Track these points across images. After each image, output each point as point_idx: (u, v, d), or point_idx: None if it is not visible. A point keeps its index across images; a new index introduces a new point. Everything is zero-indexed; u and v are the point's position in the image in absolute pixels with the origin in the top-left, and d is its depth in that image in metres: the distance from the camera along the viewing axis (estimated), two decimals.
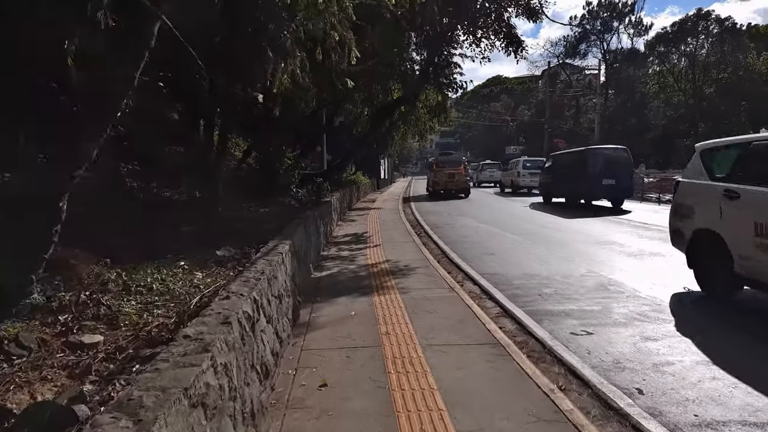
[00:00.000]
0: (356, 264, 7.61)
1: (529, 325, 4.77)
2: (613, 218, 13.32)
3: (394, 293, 5.78)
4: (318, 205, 9.83)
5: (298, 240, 5.62)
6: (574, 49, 52.53)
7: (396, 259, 8.06)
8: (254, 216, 7.48)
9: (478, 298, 5.88)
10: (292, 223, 6.50)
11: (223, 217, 6.99)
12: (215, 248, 4.91)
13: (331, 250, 9.03)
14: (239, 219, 7.05)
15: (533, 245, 9.34)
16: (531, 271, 7.19)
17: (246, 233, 5.95)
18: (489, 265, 7.69)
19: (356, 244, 9.73)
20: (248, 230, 6.19)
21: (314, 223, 7.79)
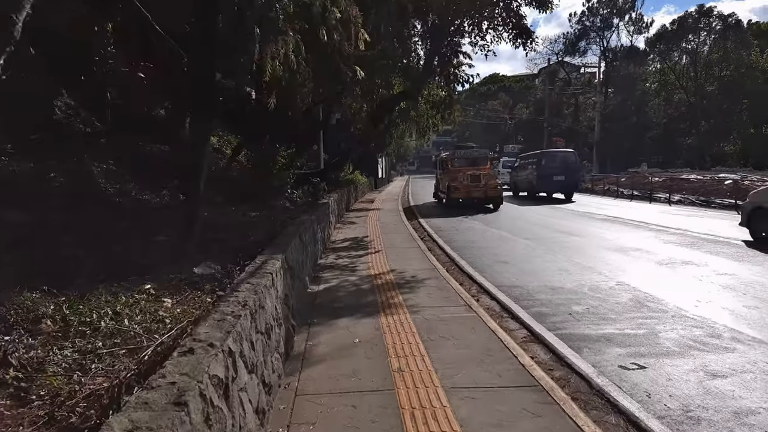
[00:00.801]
0: (357, 275, 6.83)
1: (567, 355, 4.01)
2: (626, 220, 12.61)
3: (403, 312, 5.01)
4: (315, 207, 9.05)
5: (293, 253, 4.84)
6: (573, 46, 51.88)
7: (401, 268, 7.29)
8: (244, 222, 6.69)
9: (499, 317, 5.12)
10: (286, 231, 5.73)
11: (208, 224, 6.20)
12: (193, 264, 4.13)
13: (329, 257, 8.25)
14: (226, 226, 6.26)
15: (549, 252, 8.60)
16: (554, 283, 6.43)
17: (232, 244, 5.17)
18: (504, 276, 6.93)
19: (356, 250, 8.96)
20: (235, 240, 5.41)
21: (311, 229, 7.01)
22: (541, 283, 6.44)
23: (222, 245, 5.11)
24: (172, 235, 5.23)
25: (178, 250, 4.72)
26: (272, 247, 4.56)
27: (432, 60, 10.17)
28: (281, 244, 4.75)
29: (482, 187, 15.30)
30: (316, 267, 7.26)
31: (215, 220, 6.67)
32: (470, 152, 17.73)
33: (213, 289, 3.52)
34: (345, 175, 20.86)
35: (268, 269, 3.53)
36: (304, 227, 6.32)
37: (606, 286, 6.17)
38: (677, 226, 11.30)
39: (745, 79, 39.36)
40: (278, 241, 5.02)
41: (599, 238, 9.91)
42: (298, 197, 10.44)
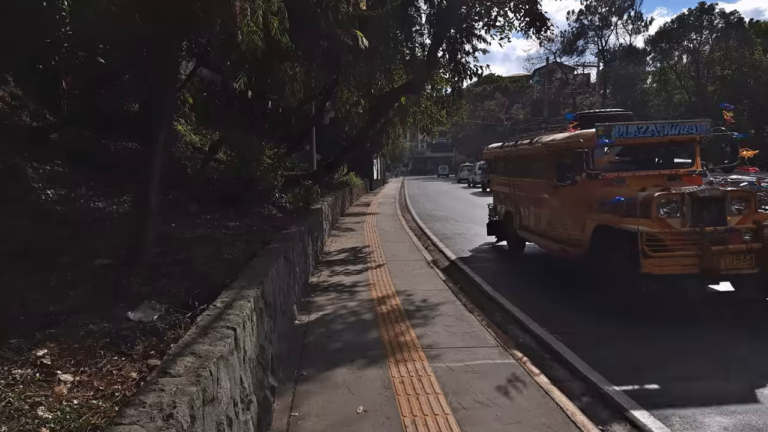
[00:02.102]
0: (356, 298, 5.65)
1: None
2: None
3: (419, 358, 3.84)
4: (306, 215, 7.86)
5: (275, 280, 3.66)
6: (571, 45, 51.04)
7: (408, 288, 6.12)
8: (217, 236, 5.49)
9: (549, 367, 3.94)
10: (268, 248, 4.54)
11: (173, 239, 5.01)
12: (129, 305, 2.94)
13: (323, 273, 7.05)
14: (195, 241, 5.07)
15: None
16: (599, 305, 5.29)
17: (197, 268, 3.98)
18: (533, 296, 5.78)
19: (354, 263, 7.77)
20: (202, 261, 4.22)
21: (300, 244, 5.83)
22: (582, 304, 5.30)
23: (182, 270, 3.92)
24: (117, 257, 4.04)
25: (118, 280, 3.53)
26: (246, 275, 3.39)
27: (437, 48, 9.03)
28: (259, 269, 3.57)
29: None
30: (306, 287, 6.07)
31: (183, 233, 5.49)
32: (656, 127, 5.86)
33: (146, 354, 2.34)
34: (339, 177, 19.69)
35: (230, 321, 2.35)
36: (292, 242, 5.14)
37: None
38: None
39: (747, 78, 38.64)
40: (257, 263, 3.84)
41: None
42: (287, 202, 9.24)
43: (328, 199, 11.56)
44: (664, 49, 40.87)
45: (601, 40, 48.86)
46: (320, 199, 11.10)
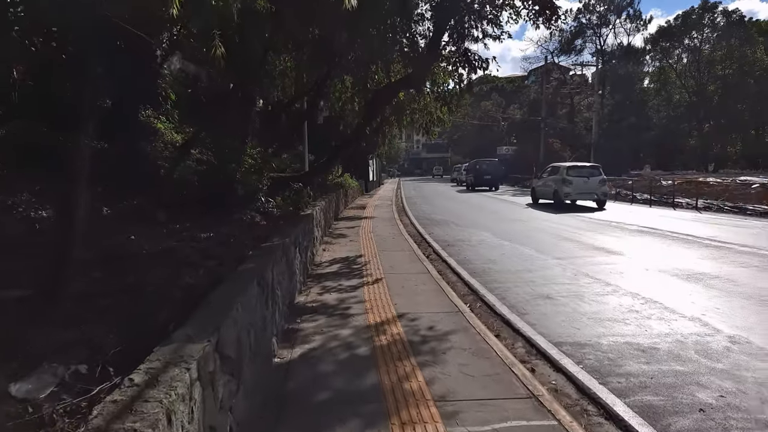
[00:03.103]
0: (351, 325, 4.74)
1: None
2: (666, 232, 10.66)
3: (432, 419, 2.94)
4: (295, 221, 6.95)
5: (241, 321, 2.75)
6: (569, 44, 50.34)
7: (411, 310, 5.22)
8: (183, 251, 4.58)
9: (590, 419, 3.07)
10: (241, 270, 3.64)
11: (122, 257, 4.10)
12: (24, 366, 2.03)
13: (312, 291, 6.14)
14: (151, 260, 4.16)
15: (599, 282, 6.60)
16: (637, 337, 4.41)
17: (140, 301, 3.07)
18: (555, 320, 4.90)
19: (348, 277, 6.87)
20: (149, 292, 3.31)
21: (284, 258, 4.92)
22: (617, 335, 4.42)
23: (122, 304, 3.01)
24: (39, 285, 3.12)
25: (25, 322, 2.62)
26: (202, 315, 2.49)
27: (440, 36, 8.13)
28: (220, 306, 2.67)
29: None
30: (292, 310, 5.16)
31: (141, 248, 4.58)
32: None
33: None
34: (333, 179, 18.78)
35: (147, 413, 1.45)
36: (273, 259, 4.23)
37: (630, 305, 4.16)
38: (743, 242, 9.38)
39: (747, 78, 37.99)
40: (219, 295, 2.94)
41: (654, 259, 7.96)
42: (274, 207, 8.33)
43: (321, 203, 10.65)
44: (664, 48, 40.19)
45: (600, 39, 48.20)
46: (312, 203, 10.19)
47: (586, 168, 18.77)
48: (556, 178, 18.42)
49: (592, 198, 17.85)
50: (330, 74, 9.29)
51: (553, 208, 17.64)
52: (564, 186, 17.79)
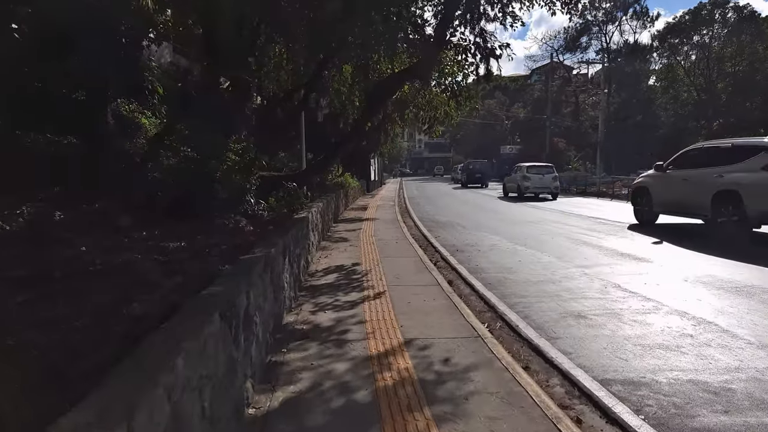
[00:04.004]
0: (348, 356, 3.88)
1: None
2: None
3: None
4: (286, 226, 6.09)
5: (180, 380, 1.89)
6: (575, 42, 49.50)
7: (421, 334, 4.37)
8: (143, 266, 3.73)
9: None
10: (202, 298, 2.78)
11: (65, 274, 3.26)
12: None
13: (304, 309, 5.28)
14: (97, 278, 3.32)
15: (641, 298, 5.74)
16: (705, 378, 3.55)
17: (49, 347, 2.23)
18: (593, 347, 4.04)
19: (346, 291, 6.01)
20: (76, 328, 2.47)
21: (269, 273, 4.06)
22: (675, 369, 3.55)
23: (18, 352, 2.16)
24: None
25: None
26: (121, 378, 1.64)
27: (451, 15, 7.22)
28: (155, 357, 1.82)
29: None
30: (277, 334, 4.31)
31: (90, 262, 3.74)
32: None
33: None
34: (333, 178, 17.95)
35: None
36: (250, 277, 3.38)
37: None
38: None
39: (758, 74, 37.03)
40: (163, 336, 2.09)
41: (689, 268, 7.09)
42: (265, 210, 7.49)
43: (319, 204, 9.80)
44: (673, 45, 39.24)
45: (605, 37, 47.30)
46: (308, 205, 9.34)
47: (542, 167, 22.89)
48: (519, 175, 22.50)
49: (547, 191, 21.94)
50: (327, 63, 8.44)
51: (520, 199, 21.55)
52: (524, 181, 21.96)
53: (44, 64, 6.16)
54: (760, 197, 8.55)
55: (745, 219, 8.81)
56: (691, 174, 10.23)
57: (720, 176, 9.32)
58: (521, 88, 67.11)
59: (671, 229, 11.15)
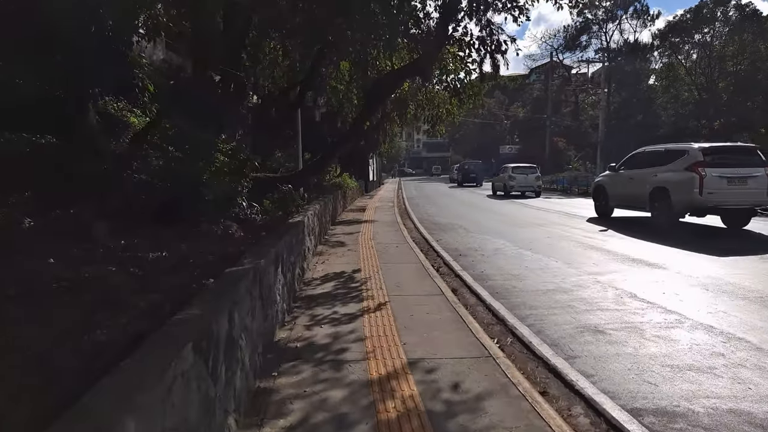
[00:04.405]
0: (345, 381, 3.47)
1: None
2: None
3: None
4: (280, 232, 5.69)
5: None
6: (574, 40, 49.15)
7: (427, 353, 3.97)
8: (114, 280, 3.33)
9: None
10: (174, 324, 2.38)
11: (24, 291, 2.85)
12: None
13: (298, 322, 4.87)
14: (60, 296, 2.91)
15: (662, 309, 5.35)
16: (747, 407, 3.16)
17: None
18: (623, 372, 3.64)
19: (344, 301, 5.60)
20: (21, 363, 2.06)
21: (256, 287, 3.66)
22: (712, 396, 3.16)
23: None
24: None
25: None
26: None
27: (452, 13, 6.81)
28: (103, 418, 1.42)
29: None
30: (268, 354, 3.90)
31: (56, 277, 3.34)
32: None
33: None
34: (331, 179, 17.55)
35: None
36: (235, 296, 2.97)
37: None
38: None
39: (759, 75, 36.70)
40: (116, 384, 1.68)
41: (707, 274, 6.71)
42: (258, 213, 7.09)
43: (316, 207, 9.39)
44: (674, 44, 38.90)
45: (605, 35, 46.95)
46: (305, 207, 8.95)
47: (526, 168, 24.52)
48: (506, 175, 24.18)
49: (530, 189, 23.68)
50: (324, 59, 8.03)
51: (508, 197, 23.11)
52: (510, 181, 23.59)
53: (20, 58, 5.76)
54: (682, 192, 10.29)
55: (672, 210, 10.64)
56: (636, 173, 12.04)
57: (655, 175, 11.13)
58: (520, 87, 66.70)
59: (621, 219, 12.97)
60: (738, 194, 10.13)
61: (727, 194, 10.05)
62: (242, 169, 6.29)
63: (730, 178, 10.02)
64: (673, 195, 10.51)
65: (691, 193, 10.13)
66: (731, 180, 10.02)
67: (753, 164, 10.28)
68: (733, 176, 10.04)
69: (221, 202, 5.66)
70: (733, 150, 11.08)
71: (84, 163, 5.43)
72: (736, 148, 11.35)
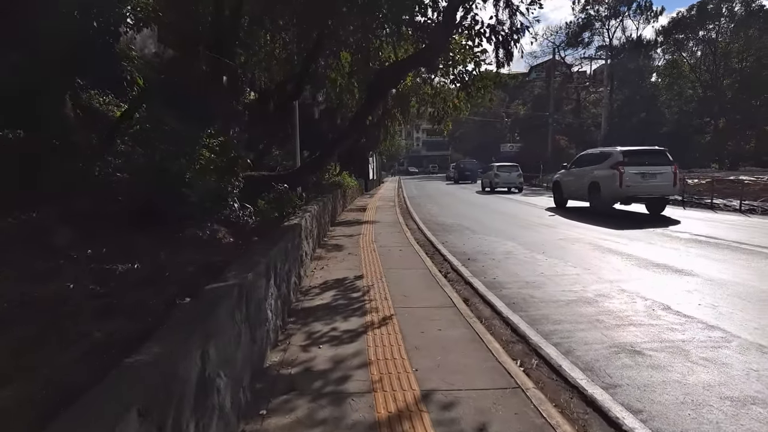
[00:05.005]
0: (347, 421, 2.89)
1: None
2: None
3: None
4: (274, 238, 5.10)
5: None
6: (576, 37, 48.54)
7: (443, 383, 3.38)
8: (71, 300, 2.74)
9: None
10: (130, 367, 1.78)
11: None
12: None
13: (293, 341, 4.29)
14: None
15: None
16: None
17: None
18: (675, 408, 3.06)
19: (345, 315, 5.02)
20: None
21: (242, 310, 3.07)
22: None
23: None
24: None
25: None
26: None
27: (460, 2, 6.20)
28: None
29: None
30: (257, 383, 3.32)
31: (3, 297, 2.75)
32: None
33: None
34: (330, 177, 16.97)
35: None
36: (212, 327, 2.39)
37: None
38: None
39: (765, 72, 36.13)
40: None
41: (745, 282, 6.13)
42: (251, 215, 6.50)
43: (314, 207, 8.80)
44: (678, 40, 38.31)
45: (608, 32, 46.33)
46: (303, 208, 8.36)
47: (509, 166, 27.08)
48: (492, 172, 27.00)
49: (513, 185, 25.97)
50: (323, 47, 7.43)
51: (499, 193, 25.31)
52: (495, 178, 26.32)
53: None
54: (609, 186, 13.05)
55: (603, 200, 13.52)
56: (580, 171, 14.97)
57: (592, 173, 13.94)
58: (521, 85, 66.10)
59: (572, 208, 15.70)
60: (650, 187, 12.79)
61: (641, 187, 12.74)
62: (233, 167, 5.69)
63: (644, 174, 12.67)
64: (603, 188, 13.28)
65: (614, 186, 12.82)
66: (645, 175, 12.67)
67: (662, 163, 12.89)
68: (646, 173, 12.69)
69: (208, 204, 5.06)
70: (647, 152, 13.52)
71: (51, 161, 4.84)
72: (649, 151, 13.70)
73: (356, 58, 7.83)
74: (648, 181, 12.73)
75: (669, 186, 12.93)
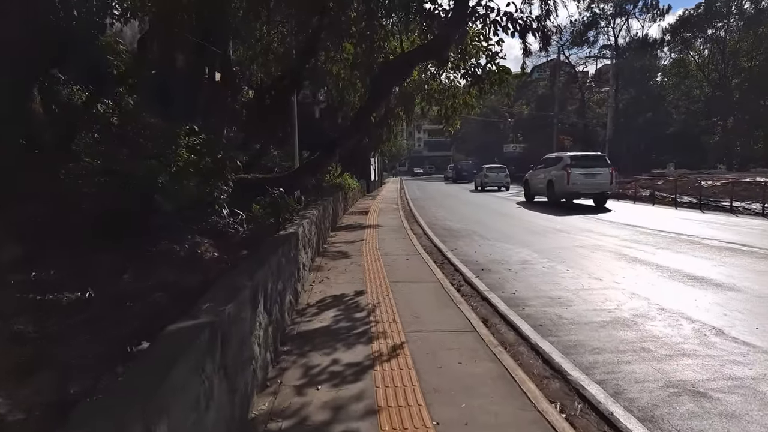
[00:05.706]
0: None
1: None
2: None
3: None
4: (267, 250, 4.39)
5: None
6: (581, 36, 47.74)
7: None
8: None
9: None
10: None
11: None
12: None
13: (285, 384, 3.58)
14: None
15: None
16: None
17: None
18: None
19: (347, 343, 4.30)
20: None
21: (219, 355, 2.37)
22: None
23: None
24: None
25: None
26: None
27: None
28: None
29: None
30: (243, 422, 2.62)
31: None
32: None
33: None
34: (331, 179, 16.25)
35: None
36: (161, 404, 1.69)
37: None
38: None
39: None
40: None
41: None
42: (242, 223, 5.80)
43: (313, 212, 8.10)
44: (685, 39, 37.56)
45: (613, 31, 45.57)
46: (301, 213, 7.65)
47: (497, 168, 30.75)
48: (482, 173, 30.56)
49: (500, 185, 29.31)
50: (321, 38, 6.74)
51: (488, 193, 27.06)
52: (484, 178, 29.85)
53: None
54: (560, 183, 16.31)
55: (555, 196, 16.80)
56: (541, 171, 18.21)
57: (549, 172, 17.26)
58: (524, 85, 65.33)
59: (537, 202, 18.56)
60: (591, 184, 16.10)
61: (584, 185, 16.05)
62: (221, 169, 4.99)
63: (586, 174, 15.92)
64: (555, 185, 16.60)
65: (563, 183, 16.14)
66: (587, 175, 15.94)
67: (602, 165, 16.38)
68: (588, 173, 15.96)
69: (188, 212, 4.36)
70: (590, 157, 17.55)
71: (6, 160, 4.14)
72: (592, 155, 17.85)
73: (360, 49, 7.15)
74: (590, 179, 15.98)
75: (607, 184, 16.18)
